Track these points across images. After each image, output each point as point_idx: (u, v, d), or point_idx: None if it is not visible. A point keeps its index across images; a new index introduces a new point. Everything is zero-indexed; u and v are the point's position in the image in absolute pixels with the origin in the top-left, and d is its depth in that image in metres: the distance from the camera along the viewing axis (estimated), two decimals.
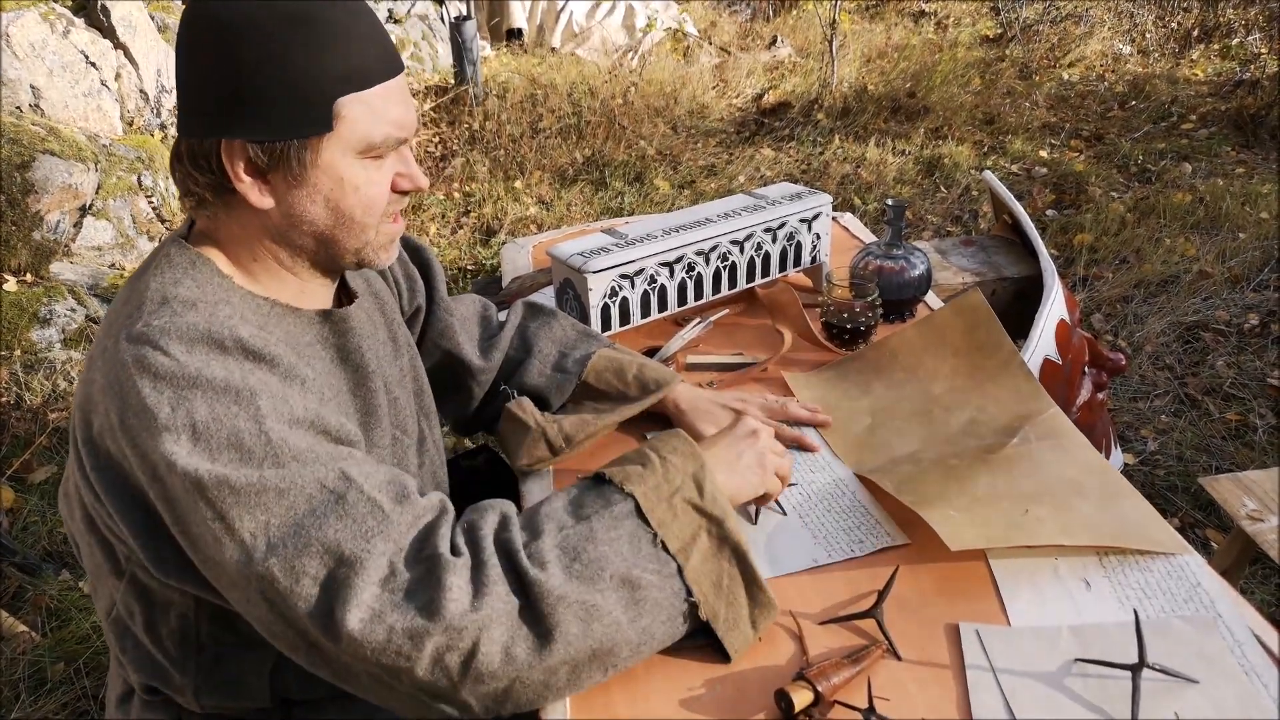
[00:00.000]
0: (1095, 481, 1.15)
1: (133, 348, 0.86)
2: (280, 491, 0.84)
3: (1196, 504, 2.44)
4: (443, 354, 1.34)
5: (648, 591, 0.90)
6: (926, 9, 7.83)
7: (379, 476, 0.89)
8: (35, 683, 2.01)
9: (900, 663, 0.95)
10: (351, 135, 0.91)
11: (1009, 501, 1.10)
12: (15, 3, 4.01)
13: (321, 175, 0.92)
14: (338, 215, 0.95)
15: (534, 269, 1.93)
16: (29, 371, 2.96)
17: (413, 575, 0.84)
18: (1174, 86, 5.83)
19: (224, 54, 0.87)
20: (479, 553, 0.87)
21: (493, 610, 0.83)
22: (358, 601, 0.82)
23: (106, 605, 1.02)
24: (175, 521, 0.86)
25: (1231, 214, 4.04)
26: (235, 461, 0.83)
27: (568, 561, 0.88)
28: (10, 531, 2.41)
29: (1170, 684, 0.90)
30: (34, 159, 3.48)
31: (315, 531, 0.83)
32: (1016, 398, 1.30)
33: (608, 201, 4.64)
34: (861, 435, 1.32)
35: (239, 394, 0.85)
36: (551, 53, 6.64)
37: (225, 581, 0.87)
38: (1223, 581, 1.03)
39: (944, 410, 1.32)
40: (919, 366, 1.39)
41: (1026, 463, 1.17)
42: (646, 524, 0.93)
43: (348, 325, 1.05)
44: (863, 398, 1.38)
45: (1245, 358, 3.07)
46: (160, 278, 0.92)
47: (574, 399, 1.34)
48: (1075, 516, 1.09)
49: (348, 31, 0.89)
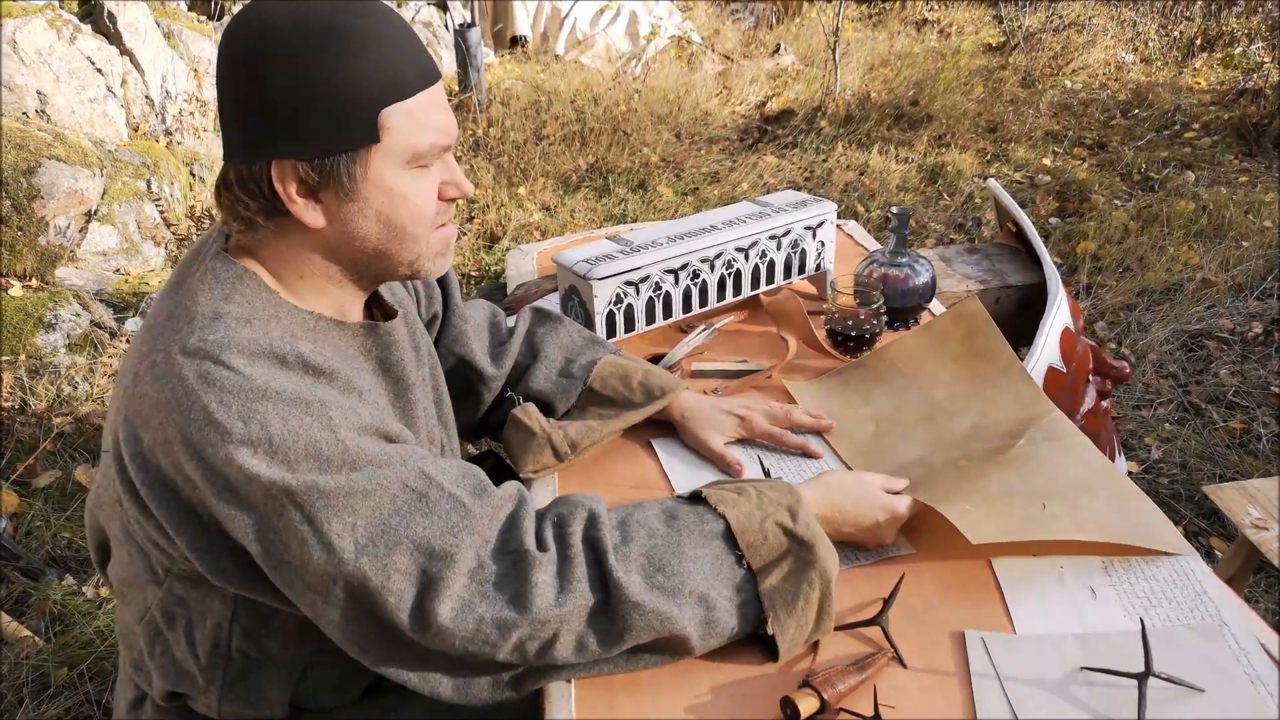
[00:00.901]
0: (1103, 482, 1.16)
1: (192, 362, 0.86)
2: (366, 493, 0.86)
3: (1200, 512, 2.43)
4: (456, 360, 1.35)
5: (719, 614, 0.94)
6: (929, 17, 7.84)
7: (454, 472, 0.93)
8: (38, 688, 2.01)
9: (906, 670, 0.96)
10: (398, 146, 0.91)
11: (1023, 498, 1.11)
12: (23, 9, 4.03)
13: (371, 188, 0.92)
14: (390, 228, 0.95)
15: (539, 275, 1.94)
16: (34, 376, 2.97)
17: (500, 568, 0.90)
18: (1177, 95, 5.83)
19: (264, 74, 0.87)
20: (566, 549, 0.92)
21: (575, 606, 0.89)
22: (450, 593, 0.87)
23: (139, 611, 1.03)
24: (249, 529, 0.87)
25: (1235, 222, 4.04)
26: (316, 469, 0.85)
27: (652, 571, 0.93)
28: (14, 536, 2.41)
29: (1176, 692, 0.90)
30: (40, 164, 3.50)
31: (404, 530, 0.87)
32: (1018, 403, 1.30)
33: (611, 208, 4.65)
34: (867, 441, 1.32)
35: (309, 405, 0.87)
36: (555, 60, 6.65)
37: (300, 587, 0.89)
38: (1228, 589, 1.03)
39: (947, 416, 1.32)
40: (919, 374, 1.39)
41: (1035, 462, 1.18)
42: (735, 546, 0.96)
43: (391, 338, 1.06)
44: (865, 405, 1.38)
45: (1249, 366, 3.07)
46: (209, 292, 0.92)
47: (579, 405, 1.35)
48: (1088, 514, 1.10)
49: (384, 42, 0.89)
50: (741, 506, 0.99)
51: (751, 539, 0.97)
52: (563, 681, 0.97)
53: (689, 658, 0.96)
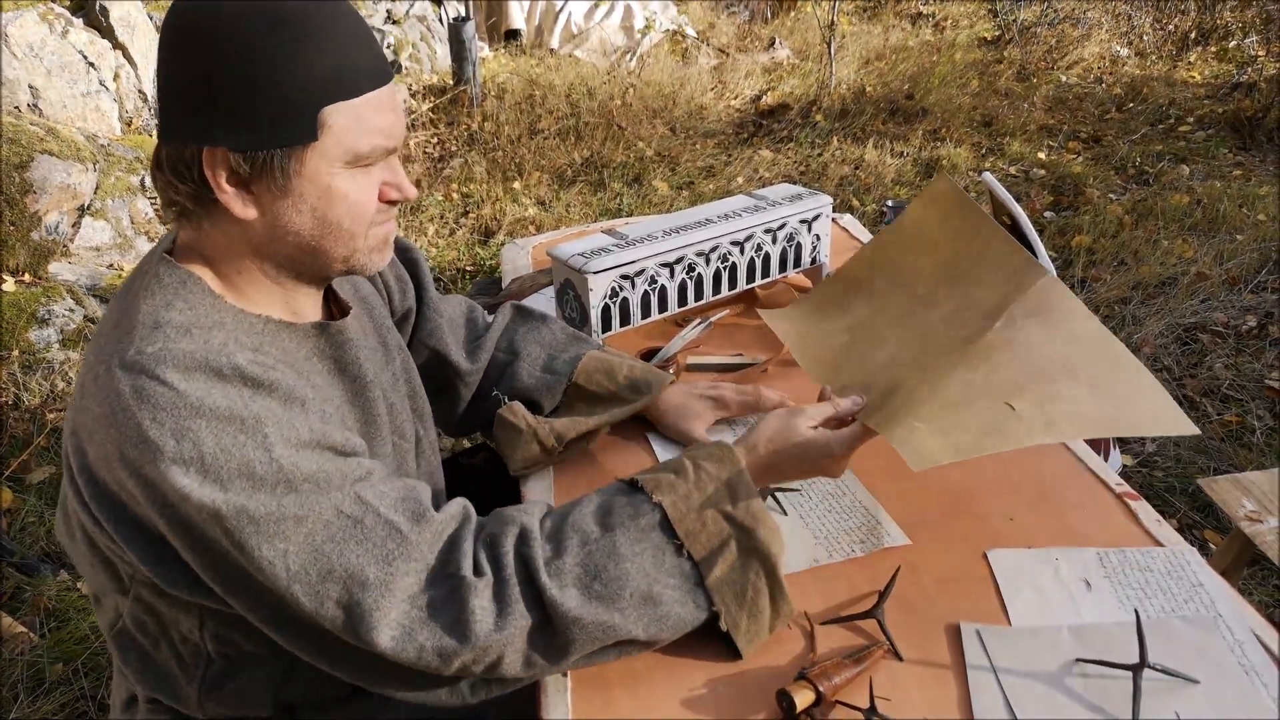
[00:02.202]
0: (1088, 354, 1.05)
1: (128, 377, 0.83)
2: (298, 519, 0.85)
3: (1195, 505, 2.44)
4: (430, 354, 1.34)
5: (668, 607, 0.93)
6: (924, 11, 7.84)
7: (393, 495, 0.90)
8: (34, 683, 2.00)
9: (901, 663, 0.96)
10: (338, 145, 0.88)
11: (986, 400, 1.02)
12: (14, 3, 4.00)
13: (306, 185, 0.89)
14: (324, 224, 0.92)
15: (534, 269, 1.94)
16: (27, 372, 2.95)
17: (437, 594, 0.88)
18: (1171, 89, 5.84)
19: (205, 58, 0.84)
20: (500, 570, 0.90)
21: (515, 628, 0.88)
22: (387, 621, 0.86)
23: (111, 619, 1.03)
24: (191, 546, 0.86)
25: (1229, 216, 4.05)
26: (249, 490, 0.83)
27: (588, 580, 0.91)
28: (8, 532, 2.40)
29: (1171, 684, 0.90)
30: (32, 159, 3.48)
31: (337, 558, 0.85)
32: (1005, 274, 1.15)
33: (606, 203, 4.64)
34: (834, 353, 1.22)
35: (244, 422, 0.84)
36: (550, 54, 6.64)
37: (244, 603, 0.88)
38: (1223, 581, 1.03)
39: (926, 308, 1.20)
40: (900, 272, 1.25)
41: (1009, 350, 1.06)
42: (673, 535, 0.94)
43: (344, 337, 1.03)
44: (842, 317, 1.26)
45: (1243, 359, 3.08)
46: (151, 300, 0.90)
47: (566, 401, 1.33)
48: (1061, 407, 1.00)
49: (335, 38, 0.86)
50: (679, 489, 0.96)
51: (690, 526, 0.95)
52: (558, 676, 0.97)
53: (650, 650, 0.96)
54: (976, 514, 1.16)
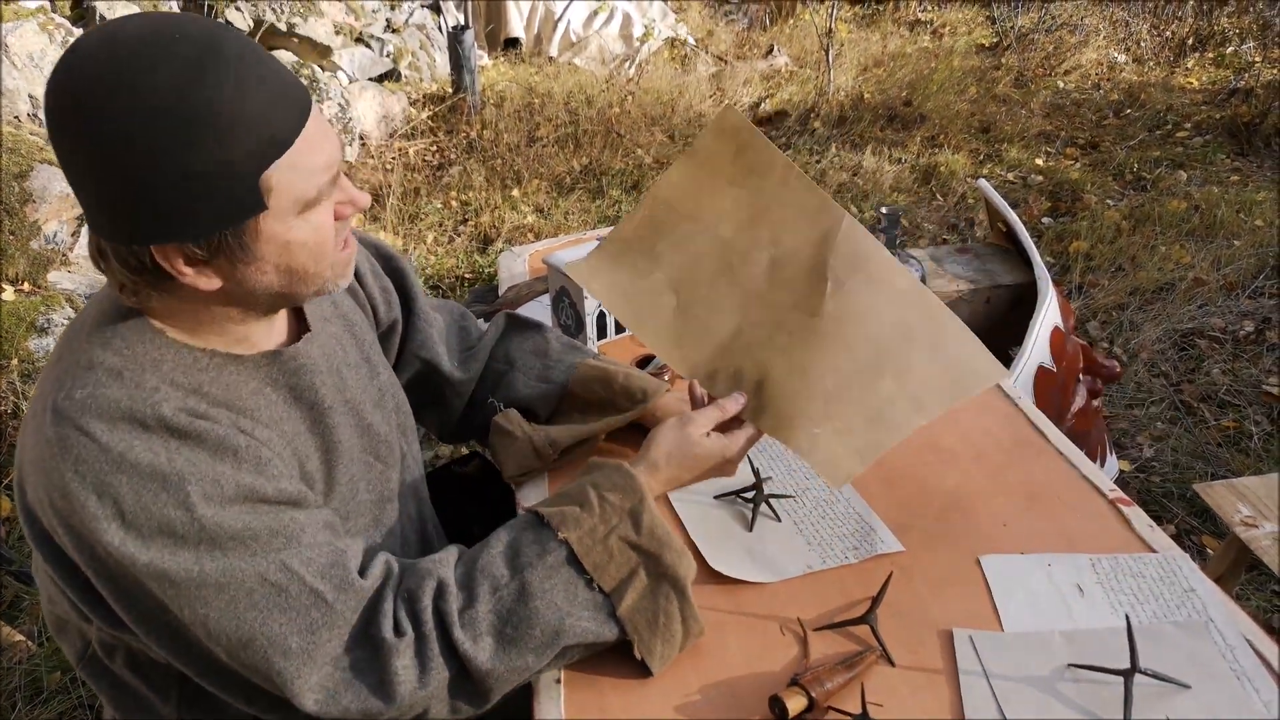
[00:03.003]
0: (915, 313, 1.12)
1: (56, 426, 0.82)
2: (220, 586, 0.84)
3: (1191, 510, 2.44)
4: (421, 364, 1.32)
5: (581, 638, 0.94)
6: (922, 18, 7.86)
7: (320, 561, 0.89)
8: (32, 692, 2.00)
9: (894, 668, 0.96)
10: (286, 200, 0.84)
11: (857, 387, 1.08)
12: (15, 13, 4.02)
13: (266, 247, 0.86)
14: (291, 274, 0.89)
15: (531, 277, 1.94)
16: (26, 380, 2.96)
17: (360, 656, 0.89)
18: (1169, 95, 5.85)
19: (124, 168, 0.77)
20: (420, 626, 0.91)
21: (438, 683, 0.91)
22: (309, 685, 0.87)
23: (79, 649, 1.03)
24: (117, 598, 0.86)
25: (1226, 221, 4.05)
26: (170, 548, 0.82)
27: (500, 626, 0.93)
28: (7, 540, 2.41)
29: (1162, 689, 0.91)
30: (32, 168, 3.49)
31: (259, 626, 0.85)
32: (805, 216, 1.15)
33: (605, 210, 4.65)
34: (672, 323, 1.17)
35: (165, 479, 0.82)
36: (549, 62, 6.66)
37: (172, 654, 0.90)
38: (1215, 586, 1.04)
39: (741, 258, 1.17)
40: (700, 211, 1.20)
41: (852, 323, 1.10)
42: (582, 570, 0.96)
43: (297, 363, 1.00)
44: (655, 269, 1.20)
45: (1240, 365, 3.08)
46: (90, 336, 0.88)
47: (562, 410, 1.33)
48: (917, 380, 1.09)
49: (246, 105, 0.79)
50: (584, 524, 0.98)
51: (597, 560, 0.96)
52: (552, 682, 0.97)
53: None
54: (969, 519, 1.17)
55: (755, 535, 1.15)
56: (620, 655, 0.98)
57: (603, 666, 0.98)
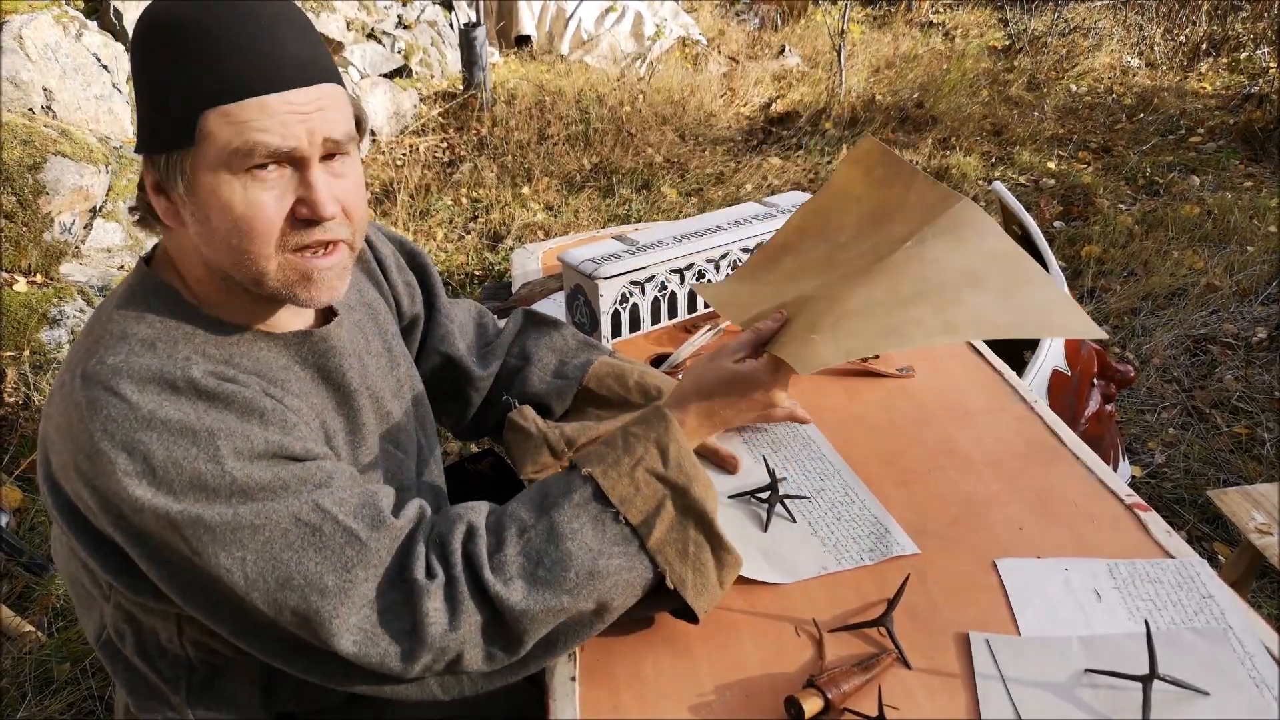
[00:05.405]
0: (997, 269, 1.04)
1: (85, 389, 0.84)
2: (255, 527, 0.84)
3: (1204, 517, 2.43)
4: (442, 359, 1.33)
5: (615, 576, 0.92)
6: (935, 19, 7.84)
7: (352, 501, 0.89)
8: (41, 682, 2.01)
9: (910, 671, 0.95)
10: (215, 149, 0.84)
11: (884, 309, 1.02)
12: (29, 5, 4.03)
13: (202, 195, 0.86)
14: (227, 246, 0.87)
15: (544, 274, 1.94)
16: (38, 372, 2.97)
17: (394, 598, 0.88)
18: (1182, 99, 5.83)
19: (135, 70, 0.87)
20: (450, 569, 0.90)
21: (469, 626, 0.89)
22: (348, 627, 0.86)
23: (96, 629, 1.03)
24: (147, 557, 0.86)
25: (1239, 227, 4.04)
26: (203, 500, 0.83)
27: (531, 568, 0.91)
28: (17, 531, 2.41)
29: (1180, 695, 0.90)
30: (45, 160, 3.50)
31: (295, 566, 0.85)
32: (925, 207, 1.13)
33: (615, 208, 4.65)
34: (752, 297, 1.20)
35: (196, 435, 0.83)
36: (560, 60, 6.66)
37: (204, 612, 0.89)
38: (1233, 593, 1.03)
39: (844, 249, 1.18)
40: (825, 230, 1.23)
41: (915, 265, 1.06)
42: (608, 504, 0.94)
43: (327, 345, 1.01)
44: (768, 276, 1.24)
45: (1253, 371, 3.07)
46: (123, 310, 0.90)
47: (577, 407, 1.33)
48: (963, 310, 1.00)
49: (224, 43, 0.82)
50: (608, 458, 0.96)
51: (623, 493, 0.94)
52: (566, 680, 0.97)
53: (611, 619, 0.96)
54: (985, 523, 1.16)
55: (770, 536, 1.15)
56: (635, 652, 0.98)
57: (617, 664, 0.98)
